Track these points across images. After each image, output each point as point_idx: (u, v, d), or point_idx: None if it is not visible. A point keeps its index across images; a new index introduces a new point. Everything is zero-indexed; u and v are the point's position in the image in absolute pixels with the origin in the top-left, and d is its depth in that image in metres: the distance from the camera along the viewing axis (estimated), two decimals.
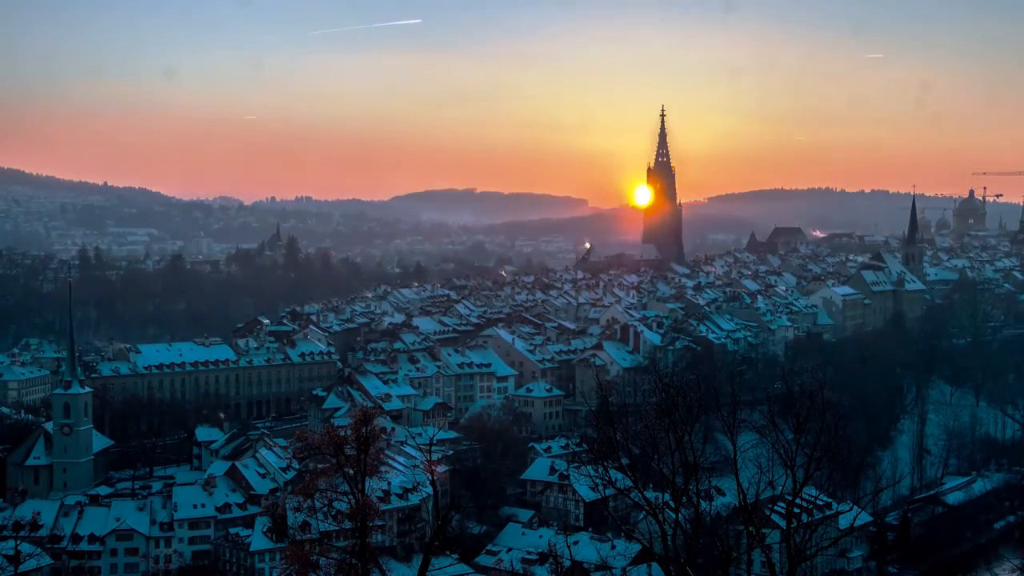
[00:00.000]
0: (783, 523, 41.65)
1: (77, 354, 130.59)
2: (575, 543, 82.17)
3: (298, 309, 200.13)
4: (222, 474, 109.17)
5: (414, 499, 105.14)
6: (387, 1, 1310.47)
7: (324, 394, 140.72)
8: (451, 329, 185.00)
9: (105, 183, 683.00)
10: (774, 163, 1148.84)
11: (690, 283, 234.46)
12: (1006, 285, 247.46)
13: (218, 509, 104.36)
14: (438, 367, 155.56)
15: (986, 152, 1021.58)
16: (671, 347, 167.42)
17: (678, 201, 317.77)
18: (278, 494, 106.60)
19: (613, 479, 41.85)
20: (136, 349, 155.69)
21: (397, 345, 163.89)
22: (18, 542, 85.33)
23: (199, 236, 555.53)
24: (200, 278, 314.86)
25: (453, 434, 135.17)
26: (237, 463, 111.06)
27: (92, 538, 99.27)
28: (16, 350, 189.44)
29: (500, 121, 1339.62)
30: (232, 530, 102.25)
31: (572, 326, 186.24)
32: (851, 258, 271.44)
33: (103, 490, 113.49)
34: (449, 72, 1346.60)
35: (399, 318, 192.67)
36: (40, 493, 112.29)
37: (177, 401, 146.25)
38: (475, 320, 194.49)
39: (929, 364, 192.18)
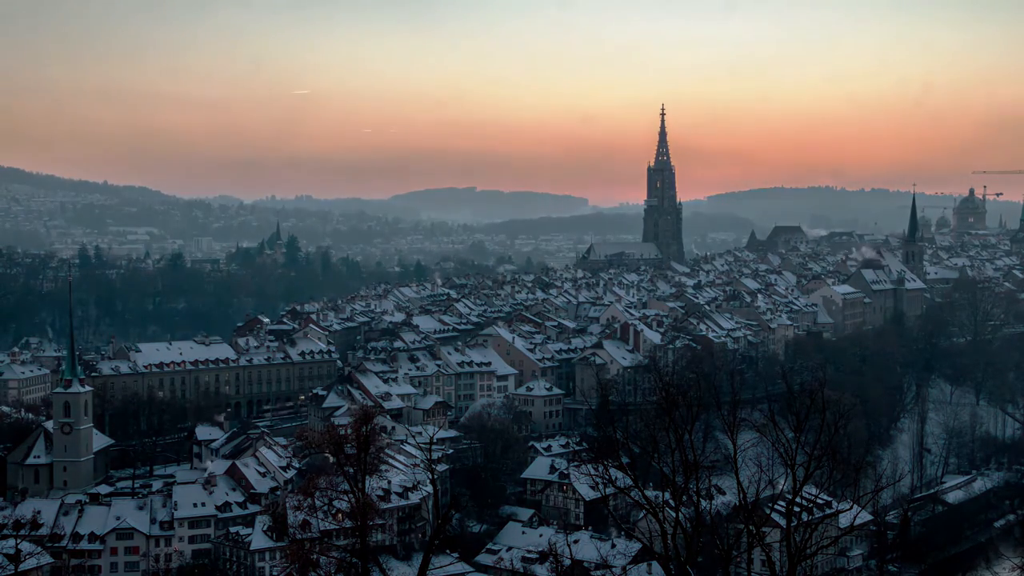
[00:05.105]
0: (783, 522, 41.66)
1: (77, 353, 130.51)
2: (575, 542, 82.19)
3: (298, 308, 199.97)
4: (222, 473, 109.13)
5: (414, 498, 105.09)
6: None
7: (324, 393, 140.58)
8: (451, 328, 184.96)
9: (105, 182, 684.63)
10: (774, 162, 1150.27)
11: (690, 282, 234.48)
12: (1006, 284, 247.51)
13: (218, 508, 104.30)
14: (438, 366, 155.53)
15: (986, 151, 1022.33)
16: (671, 346, 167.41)
17: (678, 200, 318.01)
18: (278, 493, 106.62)
19: (613, 478, 41.90)
20: (136, 348, 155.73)
21: (397, 344, 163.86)
22: (18, 541, 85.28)
23: (199, 235, 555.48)
24: (200, 277, 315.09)
25: (453, 433, 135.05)
26: (237, 462, 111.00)
27: (92, 537, 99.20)
28: (16, 349, 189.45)
29: (500, 120, 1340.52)
30: (232, 529, 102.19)
31: (572, 325, 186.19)
32: (851, 257, 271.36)
33: (103, 489, 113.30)
34: (449, 71, 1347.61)
35: (399, 317, 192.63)
36: (40, 492, 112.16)
37: (177, 400, 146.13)
38: (475, 319, 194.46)
39: (929, 363, 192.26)
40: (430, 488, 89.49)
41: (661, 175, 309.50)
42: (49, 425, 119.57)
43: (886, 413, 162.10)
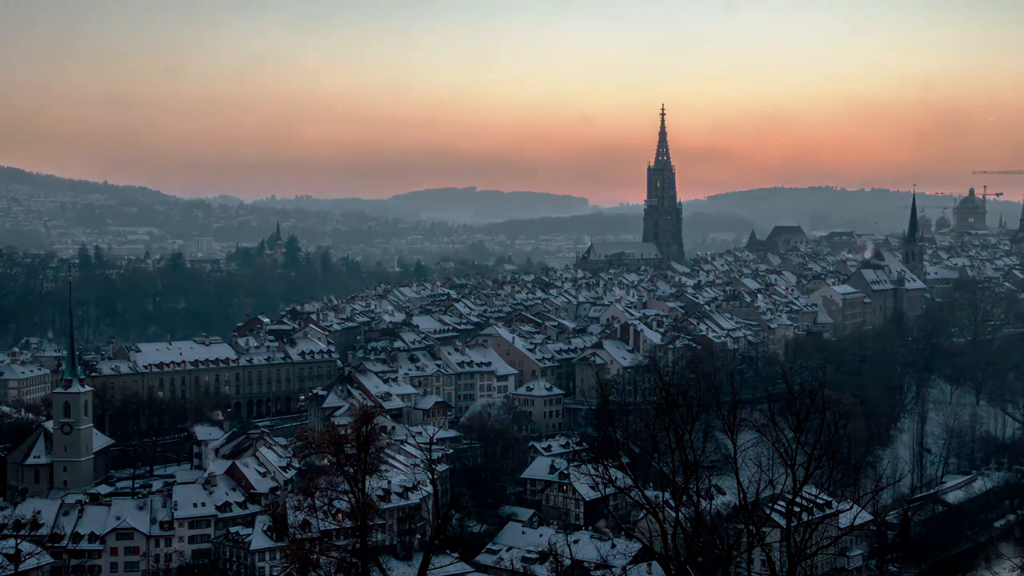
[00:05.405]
0: (783, 522, 41.66)
1: (77, 353, 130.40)
2: (575, 542, 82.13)
3: (298, 308, 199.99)
4: (222, 473, 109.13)
5: (414, 498, 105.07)
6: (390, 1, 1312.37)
7: (324, 393, 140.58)
8: (451, 328, 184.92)
9: (105, 182, 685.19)
10: (774, 162, 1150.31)
11: (690, 282, 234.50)
12: (1006, 284, 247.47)
13: (218, 508, 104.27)
14: (438, 366, 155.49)
15: (986, 151, 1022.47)
16: (671, 346, 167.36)
17: (678, 200, 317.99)
18: (278, 493, 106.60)
19: (613, 478, 41.90)
20: (136, 348, 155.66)
21: (397, 344, 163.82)
22: (18, 541, 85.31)
23: (199, 235, 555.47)
24: (200, 277, 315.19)
25: (453, 433, 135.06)
26: (237, 462, 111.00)
27: (92, 537, 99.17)
28: (16, 349, 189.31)
29: (500, 120, 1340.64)
30: (232, 529, 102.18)
31: (572, 325, 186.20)
32: (851, 257, 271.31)
33: (103, 489, 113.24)
34: (449, 71, 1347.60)
35: (399, 317, 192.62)
36: (40, 492, 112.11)
37: (177, 400, 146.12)
38: (475, 319, 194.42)
39: (929, 363, 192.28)
40: (430, 488, 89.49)
41: (661, 175, 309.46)
42: (49, 425, 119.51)
43: (886, 413, 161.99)
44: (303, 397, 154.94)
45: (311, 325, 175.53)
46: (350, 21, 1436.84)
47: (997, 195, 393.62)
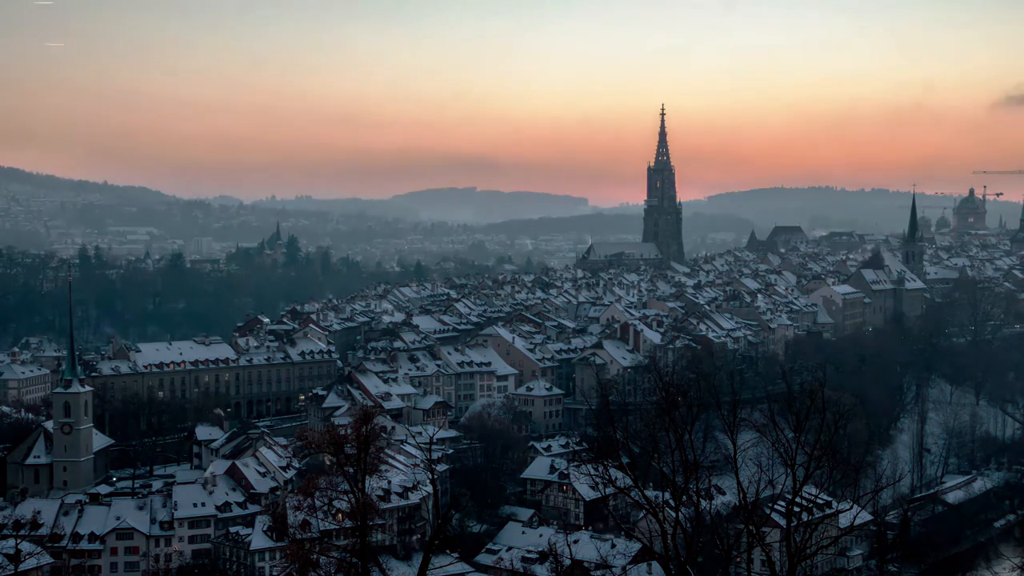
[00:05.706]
0: (783, 522, 41.67)
1: (77, 353, 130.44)
2: (575, 542, 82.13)
3: (298, 308, 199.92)
4: (222, 473, 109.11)
5: (414, 498, 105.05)
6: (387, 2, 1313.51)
7: (324, 393, 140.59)
8: (451, 328, 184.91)
9: (105, 182, 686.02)
10: (774, 162, 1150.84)
11: (690, 282, 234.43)
12: (1006, 284, 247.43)
13: (218, 508, 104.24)
14: (438, 366, 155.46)
15: (986, 151, 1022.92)
16: (671, 346, 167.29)
17: (678, 200, 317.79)
18: (278, 493, 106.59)
19: (613, 478, 41.93)
20: (136, 348, 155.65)
21: (397, 344, 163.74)
22: (18, 541, 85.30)
23: (199, 235, 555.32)
24: (200, 277, 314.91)
25: (453, 433, 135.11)
26: (237, 462, 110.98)
27: (92, 537, 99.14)
28: (16, 349, 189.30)
29: (500, 120, 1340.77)
30: (232, 529, 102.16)
31: (572, 325, 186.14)
32: (851, 257, 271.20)
33: (103, 489, 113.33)
34: (449, 71, 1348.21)
35: (399, 317, 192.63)
36: (40, 492, 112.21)
37: (177, 400, 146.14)
38: (475, 319, 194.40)
39: (929, 363, 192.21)
40: (430, 488, 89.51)
41: (661, 175, 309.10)
42: (49, 425, 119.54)
43: (886, 413, 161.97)
44: (303, 397, 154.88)
45: (311, 325, 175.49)
46: (350, 21, 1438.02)
47: (997, 195, 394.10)
